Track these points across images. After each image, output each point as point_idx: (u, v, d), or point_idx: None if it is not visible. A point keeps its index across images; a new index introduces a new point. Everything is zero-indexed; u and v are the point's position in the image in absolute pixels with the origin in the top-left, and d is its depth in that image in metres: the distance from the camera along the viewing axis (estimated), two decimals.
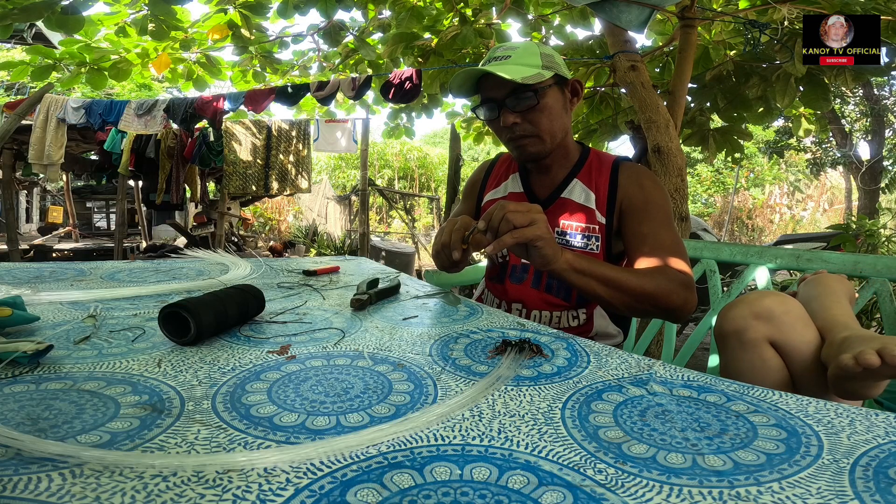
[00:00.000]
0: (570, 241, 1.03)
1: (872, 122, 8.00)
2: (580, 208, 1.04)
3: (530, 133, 0.99)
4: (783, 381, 0.76)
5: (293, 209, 10.55)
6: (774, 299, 0.78)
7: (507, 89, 0.96)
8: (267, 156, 5.39)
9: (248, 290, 0.68)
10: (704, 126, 3.07)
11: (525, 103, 0.97)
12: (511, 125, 0.98)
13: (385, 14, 3.66)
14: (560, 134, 1.02)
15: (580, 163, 1.08)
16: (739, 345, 0.78)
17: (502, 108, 0.98)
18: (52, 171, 5.01)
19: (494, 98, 0.99)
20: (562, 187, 1.07)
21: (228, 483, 0.30)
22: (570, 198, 1.05)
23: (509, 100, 0.97)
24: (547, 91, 0.98)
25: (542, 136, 1.00)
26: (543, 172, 1.09)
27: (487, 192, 1.19)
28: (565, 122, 1.03)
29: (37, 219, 10.66)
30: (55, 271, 1.00)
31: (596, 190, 1.04)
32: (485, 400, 0.43)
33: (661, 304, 0.86)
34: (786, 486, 0.31)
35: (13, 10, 2.50)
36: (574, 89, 1.05)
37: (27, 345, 0.47)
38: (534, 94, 0.96)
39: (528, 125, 0.99)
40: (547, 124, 0.99)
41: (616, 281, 0.84)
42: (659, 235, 0.96)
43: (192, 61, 4.05)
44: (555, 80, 0.99)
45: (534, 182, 1.12)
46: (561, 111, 1.01)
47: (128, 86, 9.52)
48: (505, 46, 1.01)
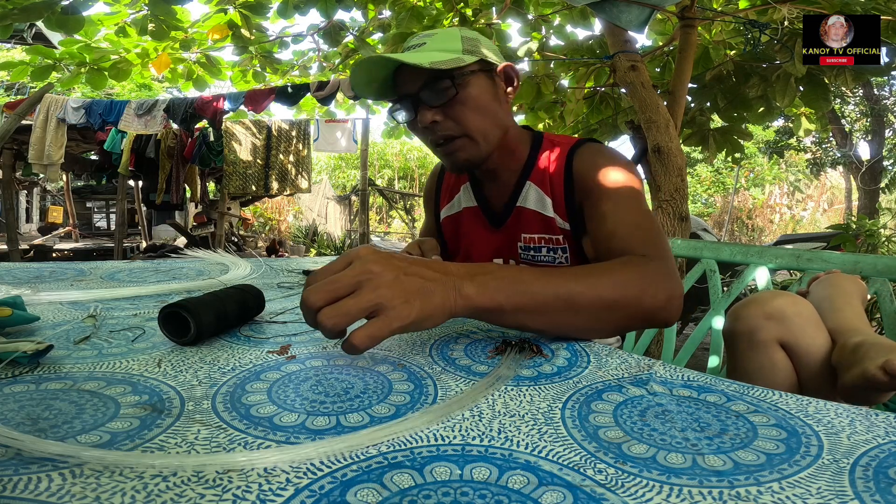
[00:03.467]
0: (535, 257, 0.91)
1: (872, 122, 8.01)
2: (538, 217, 0.89)
3: (457, 133, 0.82)
4: (791, 384, 0.76)
5: (293, 209, 10.55)
6: (787, 300, 0.77)
7: (420, 81, 0.80)
8: (267, 156, 5.39)
9: (248, 290, 0.68)
10: (704, 126, 3.07)
11: (443, 95, 0.80)
12: (431, 124, 0.81)
13: (385, 14, 3.66)
14: (496, 131, 0.85)
15: (531, 161, 0.90)
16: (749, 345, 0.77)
17: (419, 105, 0.81)
18: (52, 171, 5.02)
19: (409, 93, 0.82)
20: (515, 194, 0.91)
21: (228, 483, 0.30)
22: (526, 206, 0.90)
23: (424, 93, 0.80)
24: (469, 79, 0.81)
25: (472, 135, 0.83)
26: (492, 179, 0.93)
27: (442, 208, 1.04)
28: (501, 116, 0.86)
29: (37, 219, 10.66)
30: (55, 271, 1.00)
31: (552, 192, 0.88)
32: (485, 400, 0.43)
33: (633, 312, 0.62)
34: (786, 486, 0.31)
35: (13, 10, 2.50)
36: (508, 76, 0.87)
37: (27, 345, 0.47)
38: (451, 81, 0.79)
39: (451, 123, 0.82)
40: (475, 120, 0.82)
41: (559, 302, 0.57)
42: (620, 214, 0.77)
43: (192, 61, 4.05)
44: (480, 67, 0.83)
45: (487, 192, 0.96)
46: (492, 102, 0.84)
47: (128, 86, 9.53)
48: (422, 34, 0.85)
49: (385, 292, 0.47)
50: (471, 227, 0.99)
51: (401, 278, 0.49)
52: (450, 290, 0.52)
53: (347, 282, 0.47)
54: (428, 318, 0.50)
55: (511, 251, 0.94)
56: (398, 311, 0.47)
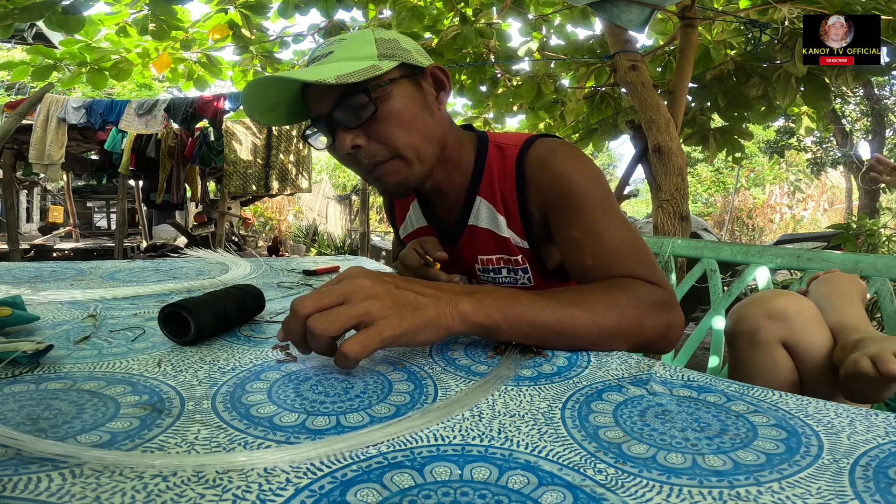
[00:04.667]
0: (496, 279, 0.83)
1: (873, 122, 8.00)
2: (492, 237, 0.80)
3: (384, 156, 0.70)
4: (792, 384, 0.76)
5: (293, 209, 10.55)
6: (789, 300, 0.77)
7: (330, 99, 0.68)
8: (267, 155, 5.39)
9: (248, 290, 0.68)
10: (705, 126, 3.07)
11: (361, 113, 0.67)
12: (353, 150, 0.69)
13: (385, 14, 3.66)
14: (430, 147, 0.73)
15: (478, 171, 0.79)
16: (751, 345, 0.77)
17: (335, 128, 0.69)
18: (53, 170, 5.02)
19: (321, 115, 0.70)
20: (465, 212, 0.81)
21: (228, 483, 0.30)
22: (478, 224, 0.80)
23: (338, 113, 0.68)
24: (390, 89, 0.69)
25: (402, 153, 0.70)
26: (439, 197, 0.83)
27: (400, 227, 0.97)
28: (433, 128, 0.73)
29: (37, 218, 10.67)
30: (55, 271, 1.00)
31: (504, 208, 0.78)
32: (485, 400, 0.43)
33: (631, 339, 0.59)
34: (786, 486, 0.31)
35: (14, 10, 2.50)
36: (436, 79, 0.75)
37: (27, 344, 0.47)
38: (367, 96, 0.66)
39: (375, 145, 0.69)
40: (403, 137, 0.70)
41: (557, 326, 0.55)
42: (600, 236, 0.69)
43: (192, 61, 4.05)
44: (402, 73, 0.70)
45: (437, 209, 0.87)
46: (420, 112, 0.71)
47: (128, 86, 9.53)
48: (329, 41, 0.72)
49: (375, 303, 0.46)
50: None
51: (392, 291, 0.48)
52: (445, 305, 0.50)
53: (338, 292, 0.47)
54: (420, 331, 0.48)
55: (470, 272, 0.87)
56: (389, 321, 0.46)
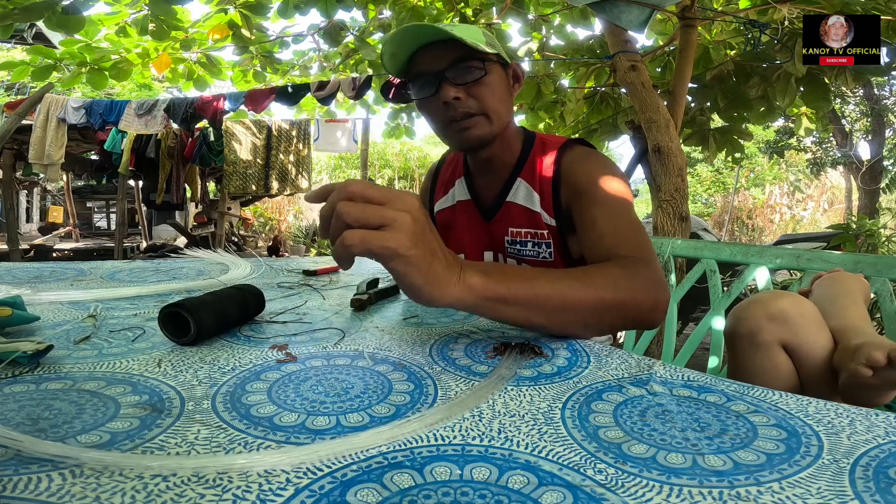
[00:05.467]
0: (521, 251, 0.94)
1: (872, 122, 8.00)
2: (525, 212, 0.93)
3: (475, 110, 0.86)
4: (793, 386, 0.75)
5: (293, 209, 10.55)
6: (789, 301, 0.77)
7: (448, 60, 0.83)
8: (267, 155, 5.39)
9: (248, 290, 0.68)
10: (705, 126, 3.08)
11: (471, 75, 0.84)
12: (452, 100, 0.84)
13: (385, 14, 3.66)
14: (506, 117, 0.90)
15: (523, 158, 0.95)
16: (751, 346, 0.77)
17: (442, 82, 0.84)
18: (53, 170, 5.02)
19: (432, 71, 0.84)
20: (506, 190, 0.95)
21: (228, 483, 0.30)
22: (515, 201, 0.94)
23: (451, 71, 0.83)
24: (492, 66, 0.86)
25: (489, 114, 0.87)
26: (486, 171, 0.98)
27: (436, 202, 1.09)
28: (508, 106, 0.91)
29: (37, 218, 10.66)
30: (55, 271, 1.00)
31: (540, 189, 0.92)
32: (485, 400, 0.43)
33: (628, 313, 0.65)
34: (786, 486, 0.31)
35: (14, 10, 2.50)
36: (515, 75, 0.93)
37: (27, 345, 0.47)
38: (481, 63, 0.84)
39: (472, 101, 0.85)
40: (494, 102, 0.87)
41: (558, 299, 0.59)
42: (612, 219, 0.80)
43: (192, 61, 4.06)
44: (499, 60, 0.89)
45: (479, 186, 1.01)
46: (506, 93, 0.90)
47: (128, 86, 9.52)
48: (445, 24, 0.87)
49: (405, 218, 0.48)
50: (463, 220, 1.04)
51: (426, 227, 0.51)
52: (454, 271, 0.53)
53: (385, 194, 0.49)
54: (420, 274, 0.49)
55: (499, 245, 0.99)
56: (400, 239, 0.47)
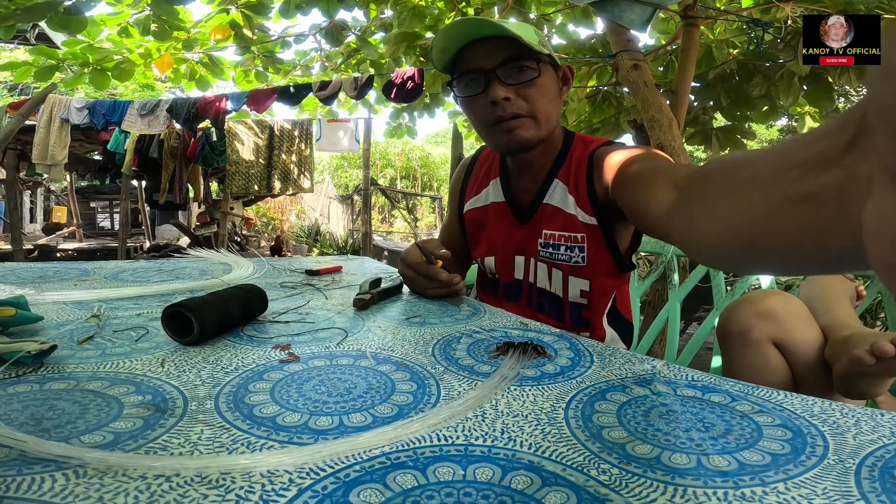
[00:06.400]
0: (553, 255, 0.92)
1: None
2: (560, 214, 0.90)
3: (524, 112, 0.83)
4: (785, 382, 0.77)
5: (296, 209, 10.57)
6: (778, 298, 0.78)
7: (499, 58, 0.80)
8: (269, 155, 5.40)
9: (251, 290, 0.68)
10: (707, 125, 3.07)
11: (523, 75, 0.81)
12: (502, 100, 0.81)
13: (387, 14, 3.66)
14: (553, 120, 0.88)
15: (561, 158, 0.92)
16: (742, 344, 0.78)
17: (492, 81, 0.81)
18: (56, 171, 5.03)
19: (482, 68, 0.81)
20: (543, 191, 0.93)
21: (231, 483, 0.30)
22: (552, 202, 0.92)
23: (502, 70, 0.80)
24: (545, 67, 0.83)
25: (538, 116, 0.84)
26: (525, 172, 0.95)
27: (468, 200, 1.06)
28: (557, 109, 0.89)
29: (41, 219, 10.70)
30: (59, 271, 1.01)
31: (575, 188, 0.89)
32: (488, 400, 0.43)
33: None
34: (791, 487, 0.31)
35: (16, 10, 2.51)
36: (565, 77, 0.90)
37: (31, 345, 0.47)
38: (535, 64, 0.81)
39: (522, 102, 0.82)
40: (544, 104, 0.83)
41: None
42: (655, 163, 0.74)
43: (194, 61, 4.06)
44: (551, 62, 0.85)
45: (516, 188, 0.97)
46: (556, 95, 0.87)
47: (131, 86, 9.54)
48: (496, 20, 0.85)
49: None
50: (496, 222, 1.00)
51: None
52: None
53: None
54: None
55: (531, 248, 0.96)
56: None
